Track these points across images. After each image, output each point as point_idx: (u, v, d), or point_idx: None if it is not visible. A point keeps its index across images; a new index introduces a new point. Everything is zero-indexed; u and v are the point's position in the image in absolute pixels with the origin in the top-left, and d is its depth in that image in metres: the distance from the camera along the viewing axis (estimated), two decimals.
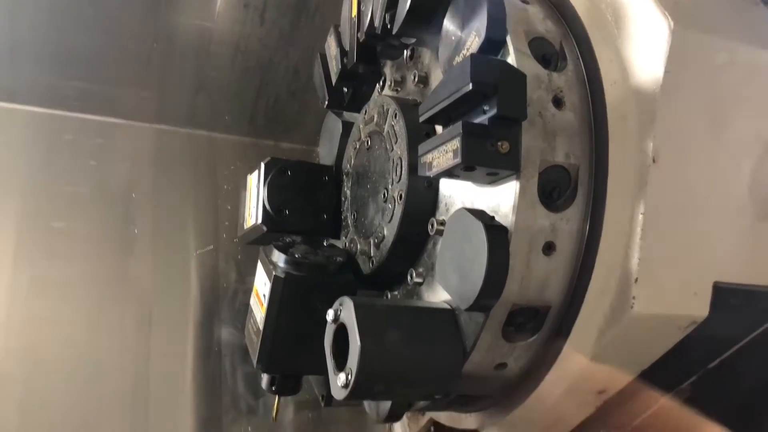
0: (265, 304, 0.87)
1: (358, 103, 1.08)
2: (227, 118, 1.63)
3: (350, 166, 1.05)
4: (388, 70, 1.04)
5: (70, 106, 1.51)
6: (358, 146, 1.02)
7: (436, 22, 0.77)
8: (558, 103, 0.70)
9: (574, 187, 0.69)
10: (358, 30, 0.95)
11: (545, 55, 0.72)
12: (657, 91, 0.68)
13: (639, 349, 0.75)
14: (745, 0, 0.79)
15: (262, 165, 1.04)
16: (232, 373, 1.39)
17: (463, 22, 0.71)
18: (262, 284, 0.90)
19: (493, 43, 0.67)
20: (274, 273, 0.86)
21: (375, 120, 0.95)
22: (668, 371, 0.78)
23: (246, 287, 1.45)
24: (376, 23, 0.88)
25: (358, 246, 0.94)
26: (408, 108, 0.88)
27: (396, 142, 0.87)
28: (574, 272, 0.70)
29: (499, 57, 0.70)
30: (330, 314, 0.72)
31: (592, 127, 0.71)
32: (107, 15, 1.43)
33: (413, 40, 0.89)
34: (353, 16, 0.97)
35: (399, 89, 0.99)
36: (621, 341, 0.72)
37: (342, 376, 0.67)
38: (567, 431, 0.86)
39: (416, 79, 0.93)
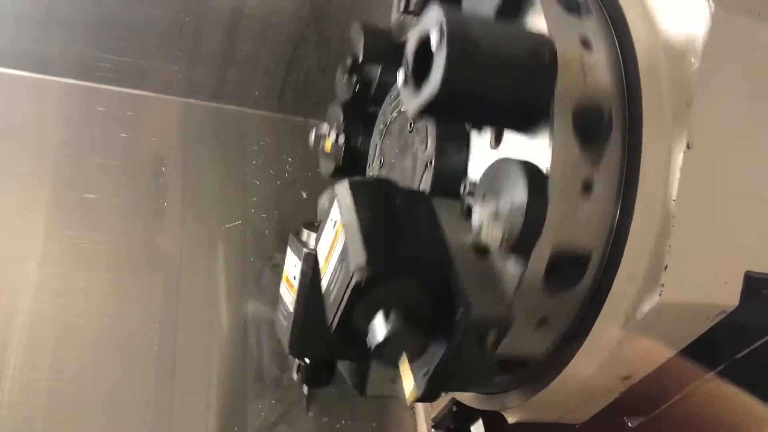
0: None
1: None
2: (257, 93, 1.64)
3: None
4: None
5: (101, 78, 1.52)
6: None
7: None
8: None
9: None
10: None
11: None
12: (694, 76, 0.66)
13: (666, 336, 0.74)
14: None
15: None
16: (257, 346, 1.41)
17: None
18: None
19: None
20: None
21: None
22: (695, 360, 0.78)
23: (273, 263, 1.46)
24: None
25: None
26: None
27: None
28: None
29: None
30: (400, 75, 0.67)
31: (626, 111, 0.70)
32: None
33: None
34: None
35: None
36: (648, 328, 0.71)
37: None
38: (590, 416, 0.86)
39: None
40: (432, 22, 0.62)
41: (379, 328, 0.64)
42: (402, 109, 0.93)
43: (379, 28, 1.04)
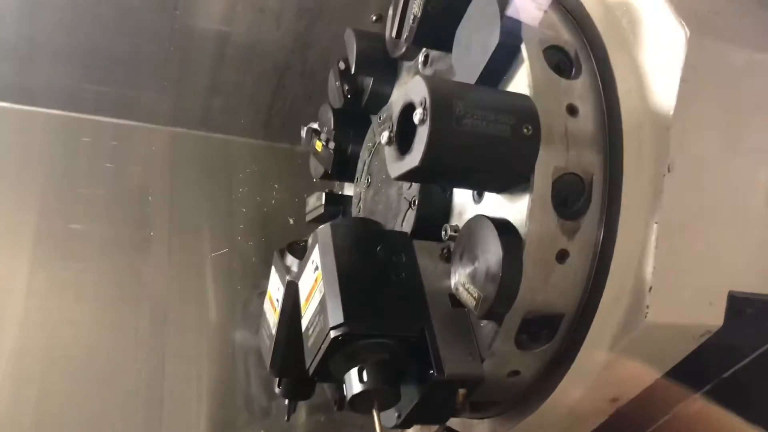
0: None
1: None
2: (243, 121, 1.64)
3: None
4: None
5: (87, 108, 1.52)
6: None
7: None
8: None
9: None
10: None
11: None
12: (673, 100, 0.67)
13: (653, 357, 0.75)
14: (764, 8, 0.79)
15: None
16: (245, 375, 1.40)
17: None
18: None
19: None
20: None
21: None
22: (682, 380, 0.78)
23: (260, 290, 1.45)
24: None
25: None
26: None
27: None
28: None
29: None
30: (384, 135, 0.68)
31: (606, 135, 0.70)
32: (125, 18, 1.43)
33: None
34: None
35: None
36: (635, 350, 0.72)
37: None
38: None
39: None
40: (417, 94, 0.63)
41: (355, 382, 0.67)
42: None
43: (373, 35, 1.05)
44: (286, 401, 0.96)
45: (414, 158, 0.63)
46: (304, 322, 0.75)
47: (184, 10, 1.44)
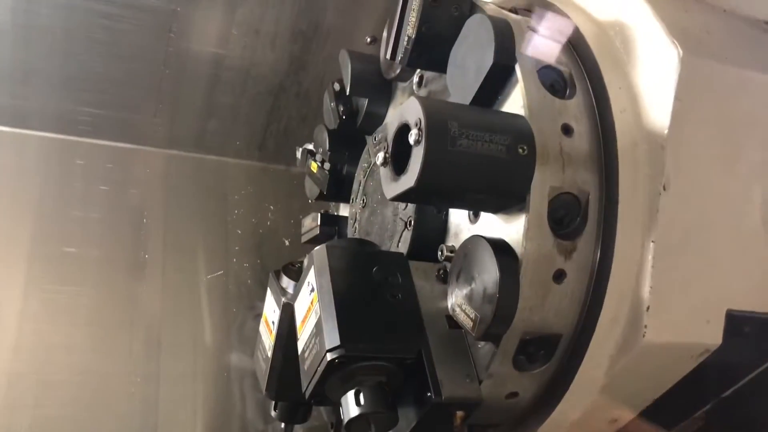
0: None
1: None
2: (238, 143, 1.64)
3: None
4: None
5: (81, 131, 1.52)
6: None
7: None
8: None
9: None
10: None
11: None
12: (667, 119, 0.68)
13: (651, 377, 0.74)
14: (755, 27, 0.80)
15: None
16: (241, 398, 1.39)
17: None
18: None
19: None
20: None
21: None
22: (682, 400, 0.77)
23: (255, 312, 1.45)
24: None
25: None
26: None
27: None
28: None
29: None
30: (380, 156, 0.69)
31: (601, 154, 0.70)
32: (119, 41, 1.44)
33: None
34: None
35: None
36: (633, 370, 0.71)
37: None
38: None
39: None
40: (412, 115, 0.63)
41: (351, 405, 0.67)
42: None
43: (367, 56, 1.06)
44: (283, 425, 0.95)
45: (409, 179, 0.63)
46: (300, 345, 0.74)
47: (178, 33, 1.44)
